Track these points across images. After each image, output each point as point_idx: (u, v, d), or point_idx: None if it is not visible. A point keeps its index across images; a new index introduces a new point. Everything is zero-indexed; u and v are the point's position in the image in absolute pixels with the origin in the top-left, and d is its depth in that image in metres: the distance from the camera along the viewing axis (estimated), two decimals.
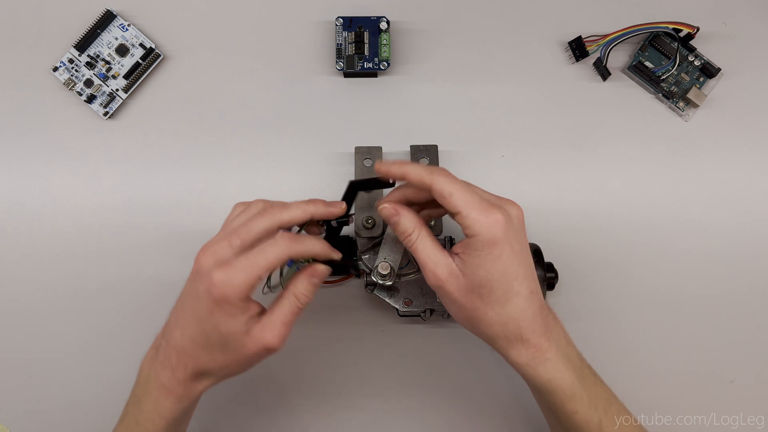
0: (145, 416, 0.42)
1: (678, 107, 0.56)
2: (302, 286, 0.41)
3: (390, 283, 0.48)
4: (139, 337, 0.44)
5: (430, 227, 0.49)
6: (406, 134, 0.55)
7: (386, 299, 0.50)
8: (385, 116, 0.56)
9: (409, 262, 0.50)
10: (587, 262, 0.55)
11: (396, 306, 0.50)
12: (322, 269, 0.42)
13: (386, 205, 0.42)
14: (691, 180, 0.56)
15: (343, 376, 0.55)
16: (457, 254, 0.40)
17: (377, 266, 0.48)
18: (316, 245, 0.41)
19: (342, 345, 0.55)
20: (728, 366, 0.55)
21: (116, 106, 0.55)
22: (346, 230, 0.54)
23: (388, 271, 0.48)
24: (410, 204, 0.43)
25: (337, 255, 0.42)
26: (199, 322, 0.39)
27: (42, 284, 0.55)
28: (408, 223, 0.41)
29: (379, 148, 0.53)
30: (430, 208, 0.45)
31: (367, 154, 0.53)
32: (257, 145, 0.56)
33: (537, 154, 0.56)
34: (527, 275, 0.40)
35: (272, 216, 0.40)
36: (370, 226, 0.50)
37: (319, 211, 0.42)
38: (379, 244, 0.49)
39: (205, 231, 0.56)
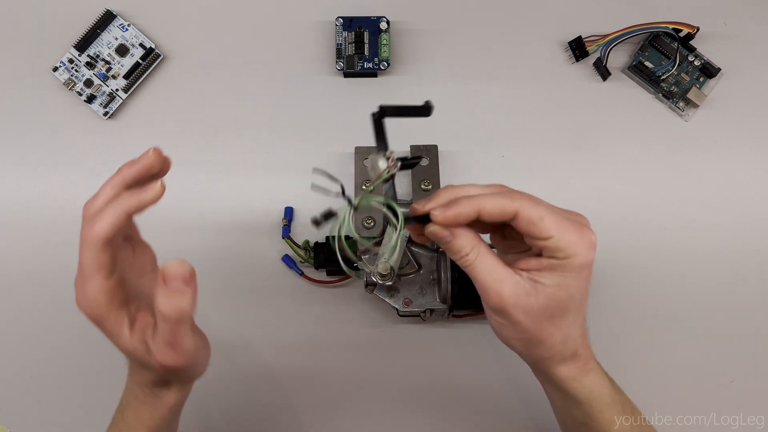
0: (128, 425, 0.42)
1: (678, 107, 0.56)
2: (164, 300, 0.34)
3: (390, 283, 0.48)
4: None
5: None
6: (406, 134, 0.55)
7: (386, 299, 0.50)
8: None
9: (409, 262, 0.50)
10: None
11: (396, 306, 0.50)
12: (183, 270, 0.35)
13: (433, 228, 0.36)
14: (691, 180, 0.56)
15: (343, 375, 0.55)
16: (527, 270, 0.36)
17: (377, 266, 0.48)
18: (111, 212, 0.35)
19: (342, 345, 0.55)
20: (728, 366, 0.55)
21: (116, 106, 0.55)
22: (346, 230, 0.54)
23: (388, 271, 0.48)
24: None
25: (153, 193, 0.36)
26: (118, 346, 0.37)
27: (42, 284, 0.55)
28: (464, 242, 0.36)
29: None
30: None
31: (367, 154, 0.53)
32: (257, 145, 0.56)
33: (537, 154, 0.56)
34: (586, 299, 0.38)
35: (86, 242, 0.35)
36: (370, 226, 0.50)
37: (132, 204, 0.35)
38: (379, 244, 0.49)
39: (204, 231, 0.56)
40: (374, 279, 0.48)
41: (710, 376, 0.55)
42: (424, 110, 0.36)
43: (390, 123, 0.56)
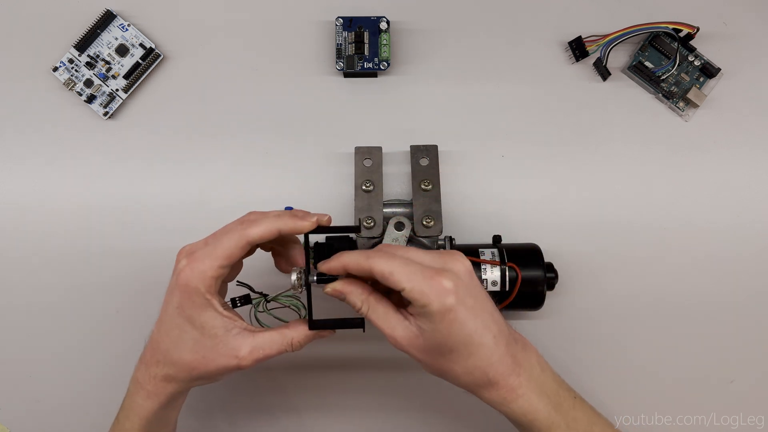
0: (124, 413, 0.43)
1: (678, 107, 0.56)
2: (303, 336, 0.42)
3: None
4: (139, 337, 0.44)
5: (428, 226, 0.49)
6: (406, 134, 0.55)
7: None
8: (385, 116, 0.56)
9: None
10: (587, 261, 0.55)
11: None
12: (326, 334, 0.43)
13: (329, 289, 0.42)
14: (691, 180, 0.56)
15: (343, 375, 0.55)
16: (413, 315, 0.40)
17: None
18: (271, 223, 0.40)
19: (342, 345, 0.55)
20: (728, 366, 0.55)
21: (116, 106, 0.55)
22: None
23: None
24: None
25: (307, 224, 0.41)
26: (172, 316, 0.40)
27: (42, 284, 0.55)
28: (354, 299, 0.41)
29: (379, 148, 0.53)
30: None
31: (367, 154, 0.53)
32: (257, 145, 0.56)
33: (537, 154, 0.56)
34: (486, 323, 0.39)
35: (237, 233, 0.40)
36: (370, 226, 0.50)
37: (288, 227, 0.41)
38: (379, 244, 0.49)
39: (205, 231, 0.56)
40: None
41: (710, 376, 0.55)
42: (356, 229, 0.43)
43: (390, 123, 0.56)
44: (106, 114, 0.55)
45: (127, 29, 0.55)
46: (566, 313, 0.55)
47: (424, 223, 0.50)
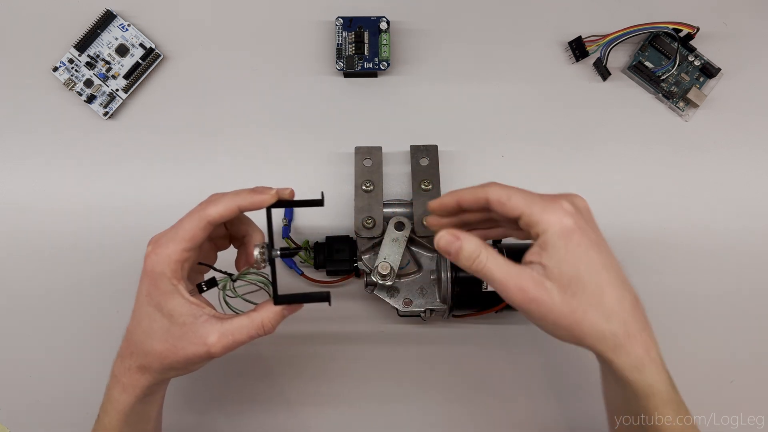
0: (103, 409, 0.43)
1: (678, 107, 0.56)
2: (272, 315, 0.40)
3: (390, 283, 0.48)
4: None
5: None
6: (406, 134, 0.55)
7: (386, 299, 0.50)
8: (385, 116, 0.56)
9: (409, 262, 0.50)
10: None
11: (396, 306, 0.50)
12: (295, 308, 0.41)
13: (443, 233, 0.38)
14: (691, 180, 0.56)
15: (343, 375, 0.55)
16: (532, 262, 0.37)
17: (377, 266, 0.48)
18: (230, 200, 0.40)
19: (342, 345, 0.55)
20: (728, 366, 0.55)
21: (116, 106, 0.55)
22: (346, 230, 0.54)
23: (388, 271, 0.48)
24: (463, 225, 0.42)
25: (266, 197, 0.40)
26: (142, 304, 0.40)
27: (42, 284, 0.55)
28: (472, 246, 0.37)
29: (379, 148, 0.53)
30: (483, 229, 0.43)
31: (367, 154, 0.53)
32: (257, 145, 0.56)
33: (537, 154, 0.56)
34: (613, 264, 0.37)
35: (197, 214, 0.40)
36: (370, 226, 0.50)
37: (246, 202, 0.40)
38: (379, 244, 0.49)
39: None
40: (374, 279, 0.48)
41: (710, 376, 0.55)
42: (318, 202, 0.40)
43: (390, 123, 0.56)
44: (106, 114, 0.55)
45: (127, 29, 0.55)
46: None
47: (424, 223, 0.50)
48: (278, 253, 0.40)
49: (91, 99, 0.55)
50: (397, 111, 0.56)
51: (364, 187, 0.51)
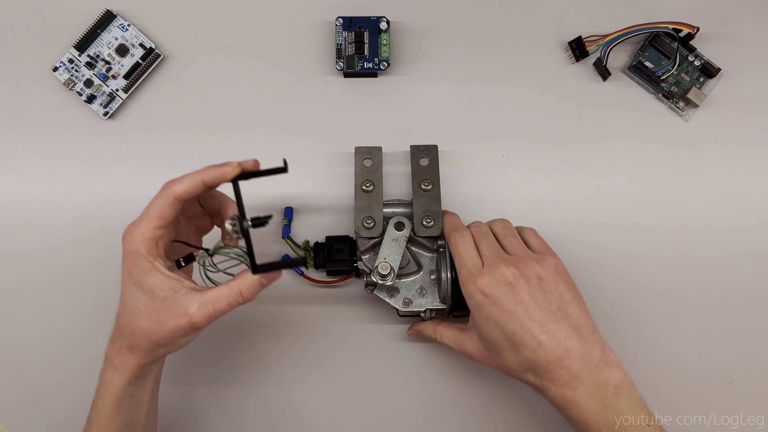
0: (97, 392, 0.44)
1: (678, 107, 0.56)
2: (250, 282, 0.41)
3: (390, 283, 0.48)
4: None
5: (427, 226, 0.49)
6: (406, 134, 0.55)
7: (386, 299, 0.50)
8: (385, 116, 0.56)
9: (409, 262, 0.50)
10: (586, 262, 0.55)
11: (396, 306, 0.50)
12: (274, 276, 0.43)
13: (410, 332, 0.53)
14: (691, 180, 0.56)
15: (342, 375, 0.55)
16: (470, 326, 0.48)
17: (377, 266, 0.48)
18: (193, 176, 0.41)
19: (342, 345, 0.55)
20: (728, 366, 0.55)
21: (116, 106, 0.55)
22: (346, 230, 0.54)
23: (388, 271, 0.48)
24: None
25: (229, 169, 0.41)
26: (124, 287, 0.41)
27: (42, 284, 0.55)
28: (428, 332, 0.51)
29: (379, 149, 0.53)
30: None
31: (367, 154, 0.53)
32: (257, 146, 0.56)
33: (537, 154, 0.56)
34: (530, 329, 0.42)
35: (164, 191, 0.41)
36: (370, 225, 0.50)
37: (209, 176, 0.41)
38: (379, 244, 0.49)
39: None
40: (374, 279, 0.48)
41: (710, 376, 0.55)
42: (282, 170, 0.42)
43: (390, 123, 0.56)
44: (106, 114, 0.55)
45: (127, 29, 0.55)
46: None
47: (424, 223, 0.50)
48: (250, 223, 0.40)
49: (91, 99, 0.55)
50: (397, 111, 0.56)
51: (364, 187, 0.51)
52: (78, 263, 0.55)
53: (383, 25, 0.54)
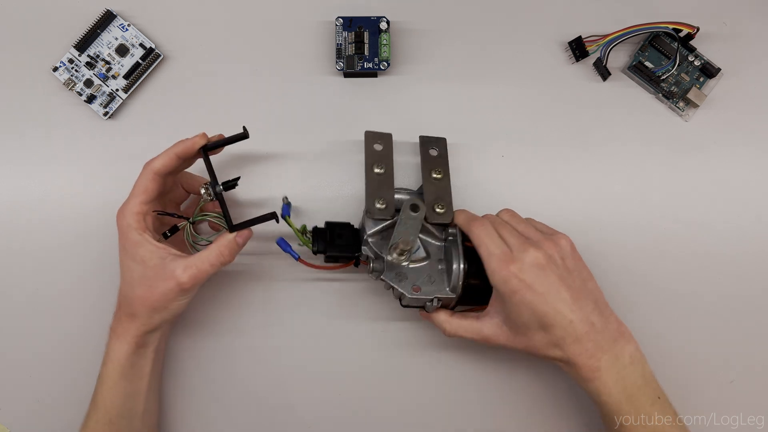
0: (102, 362, 0.48)
1: (678, 107, 0.56)
2: (226, 242, 0.46)
3: (405, 263, 0.48)
4: None
5: (439, 213, 0.50)
6: (406, 134, 0.55)
7: (394, 284, 0.48)
8: (385, 116, 0.56)
9: (419, 248, 0.50)
10: (586, 261, 0.55)
11: (404, 291, 0.48)
12: (247, 233, 0.47)
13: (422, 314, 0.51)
14: (691, 180, 0.56)
15: (342, 375, 0.55)
16: (493, 310, 0.48)
17: (396, 242, 0.47)
18: (168, 151, 0.47)
19: (342, 345, 0.55)
20: (728, 366, 0.55)
21: (116, 106, 0.55)
22: (346, 216, 0.53)
23: (409, 247, 0.47)
24: None
25: (197, 139, 0.47)
26: (121, 259, 0.47)
27: (42, 284, 0.55)
28: (441, 322, 0.49)
29: (389, 135, 0.52)
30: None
31: (377, 138, 0.52)
32: (257, 146, 0.56)
33: (537, 154, 0.56)
34: (559, 309, 0.44)
35: (145, 170, 0.47)
36: (382, 207, 0.49)
37: (180, 148, 0.47)
38: (389, 228, 0.49)
39: (204, 231, 0.56)
40: (389, 257, 0.48)
41: (710, 376, 0.55)
42: (243, 136, 0.48)
43: (390, 123, 0.56)
44: (106, 114, 0.55)
45: (127, 29, 0.55)
46: None
47: (437, 210, 0.49)
48: (221, 187, 0.46)
49: (91, 99, 0.55)
50: (397, 111, 0.56)
51: (376, 169, 0.50)
52: (78, 263, 0.55)
53: (383, 25, 0.54)
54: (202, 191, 0.46)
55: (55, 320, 0.55)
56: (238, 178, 0.47)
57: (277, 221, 0.46)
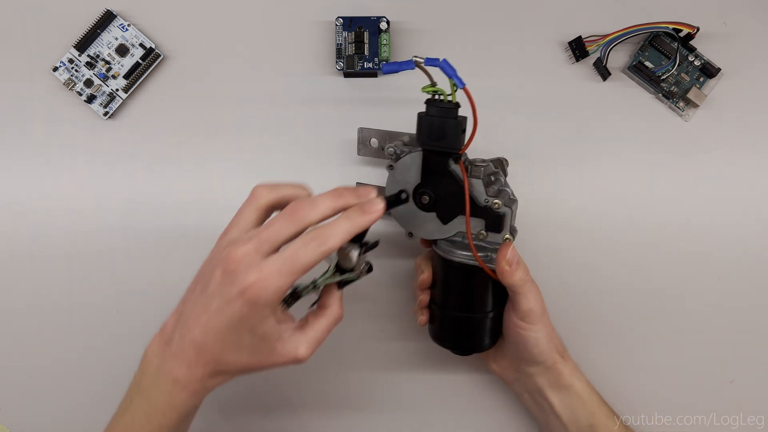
0: (155, 410, 0.42)
1: (678, 107, 0.56)
2: (337, 301, 0.43)
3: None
4: (139, 337, 0.44)
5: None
6: (405, 134, 0.55)
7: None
8: (385, 116, 0.56)
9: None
10: (587, 262, 0.55)
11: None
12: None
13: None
14: (691, 180, 0.56)
15: (342, 375, 0.55)
16: None
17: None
18: (345, 228, 0.40)
19: (341, 346, 0.55)
20: (728, 366, 0.55)
21: (116, 106, 0.55)
22: None
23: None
24: None
25: (375, 217, 0.41)
26: (230, 325, 0.39)
27: (41, 284, 0.55)
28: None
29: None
30: None
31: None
32: (257, 146, 0.56)
33: (537, 154, 0.56)
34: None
35: (299, 220, 0.39)
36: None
37: (359, 227, 0.40)
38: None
39: (204, 231, 0.56)
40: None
41: (710, 376, 0.55)
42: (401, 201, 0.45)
43: (390, 123, 0.56)
44: (106, 114, 0.55)
45: (127, 29, 0.55)
46: (565, 313, 0.55)
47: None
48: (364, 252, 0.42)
49: (91, 99, 0.55)
50: (396, 111, 0.56)
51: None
52: (78, 263, 0.55)
53: (383, 25, 0.54)
54: (355, 255, 0.41)
55: (55, 320, 0.55)
56: (377, 243, 0.43)
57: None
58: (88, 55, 0.55)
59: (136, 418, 0.42)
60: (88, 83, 0.55)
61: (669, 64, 0.55)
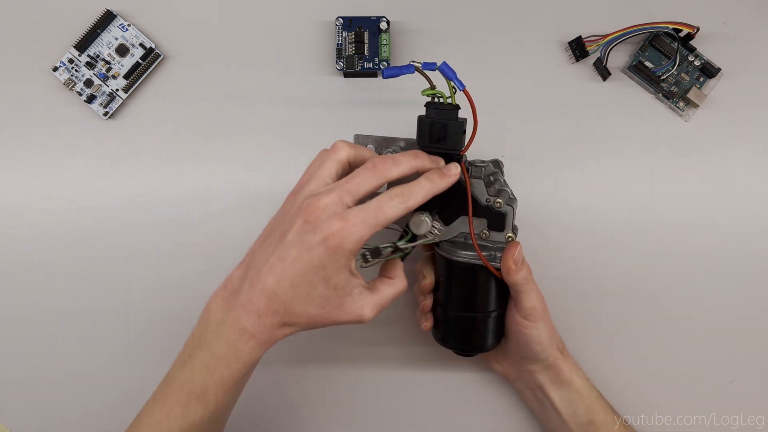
0: (217, 361, 0.40)
1: (678, 107, 0.56)
2: (401, 271, 0.44)
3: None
4: (139, 337, 0.44)
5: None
6: (406, 135, 0.55)
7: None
8: (385, 116, 0.56)
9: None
10: (587, 262, 0.55)
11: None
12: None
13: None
14: (691, 180, 0.56)
15: (342, 375, 0.55)
16: None
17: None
18: (424, 193, 0.42)
19: (342, 346, 0.55)
20: (728, 366, 0.55)
21: (116, 106, 0.55)
22: None
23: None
24: None
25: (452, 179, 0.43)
26: (306, 273, 0.39)
27: (41, 284, 0.55)
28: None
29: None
30: None
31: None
32: (257, 145, 0.56)
33: (537, 154, 0.56)
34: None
35: (382, 174, 0.41)
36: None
37: (438, 188, 0.43)
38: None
39: (204, 231, 0.56)
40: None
41: (710, 376, 0.55)
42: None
43: (390, 123, 0.56)
44: (106, 114, 0.55)
45: (127, 29, 0.55)
46: (566, 313, 0.55)
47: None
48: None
49: (91, 99, 0.55)
50: (397, 111, 0.56)
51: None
52: (77, 263, 0.55)
53: (383, 25, 0.54)
54: (426, 219, 0.45)
55: (55, 320, 0.55)
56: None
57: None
58: (88, 55, 0.55)
59: (196, 371, 0.41)
60: (88, 83, 0.55)
61: (669, 64, 0.55)
